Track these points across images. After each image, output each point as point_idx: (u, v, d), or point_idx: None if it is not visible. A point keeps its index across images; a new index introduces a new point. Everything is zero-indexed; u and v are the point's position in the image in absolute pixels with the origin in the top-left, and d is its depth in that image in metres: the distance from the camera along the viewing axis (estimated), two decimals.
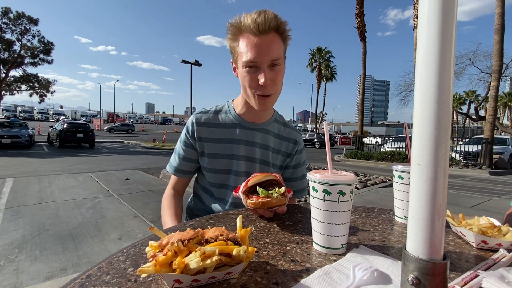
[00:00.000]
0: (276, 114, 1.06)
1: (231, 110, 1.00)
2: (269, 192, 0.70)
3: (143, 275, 0.43)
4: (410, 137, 0.34)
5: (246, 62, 0.82)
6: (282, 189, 0.71)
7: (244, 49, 0.82)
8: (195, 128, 0.97)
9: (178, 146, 1.03)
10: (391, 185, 6.77)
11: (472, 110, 30.94)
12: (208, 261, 0.40)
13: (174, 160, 1.03)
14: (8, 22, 19.97)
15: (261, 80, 0.82)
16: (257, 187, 0.72)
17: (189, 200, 1.17)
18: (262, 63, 0.82)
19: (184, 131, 1.01)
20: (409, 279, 0.31)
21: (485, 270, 0.48)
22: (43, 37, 21.34)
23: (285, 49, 0.90)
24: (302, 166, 1.11)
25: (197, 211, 1.10)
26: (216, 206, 1.02)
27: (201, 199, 1.08)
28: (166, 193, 1.04)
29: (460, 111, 24.87)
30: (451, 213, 0.69)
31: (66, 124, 13.98)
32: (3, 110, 56.29)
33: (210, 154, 0.98)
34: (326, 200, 0.53)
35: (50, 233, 3.25)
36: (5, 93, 21.07)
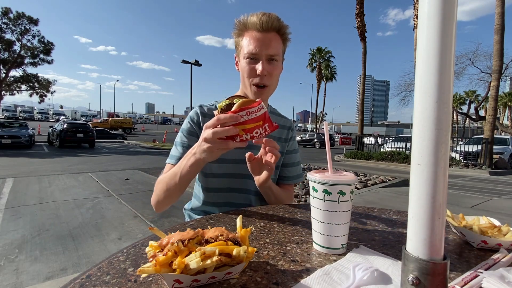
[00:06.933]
0: (270, 107, 1.13)
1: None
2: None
3: (143, 275, 0.43)
4: (409, 137, 0.34)
5: (247, 53, 0.90)
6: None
7: (247, 43, 0.90)
8: (200, 118, 0.99)
9: (180, 137, 0.98)
10: (391, 185, 6.74)
11: (472, 110, 30.91)
12: (208, 261, 0.40)
13: (175, 151, 0.96)
14: (8, 22, 19.95)
15: (259, 69, 0.89)
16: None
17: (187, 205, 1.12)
18: (261, 55, 0.89)
19: (187, 120, 1.00)
20: (409, 279, 0.31)
21: (485, 270, 0.48)
22: (43, 37, 21.34)
23: (284, 50, 0.97)
24: (297, 153, 1.17)
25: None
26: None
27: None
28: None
29: (460, 111, 24.88)
30: (451, 213, 0.69)
31: (66, 124, 13.98)
32: (3, 110, 56.21)
33: None
34: (326, 200, 0.53)
35: (50, 233, 3.24)
36: (5, 93, 21.06)
